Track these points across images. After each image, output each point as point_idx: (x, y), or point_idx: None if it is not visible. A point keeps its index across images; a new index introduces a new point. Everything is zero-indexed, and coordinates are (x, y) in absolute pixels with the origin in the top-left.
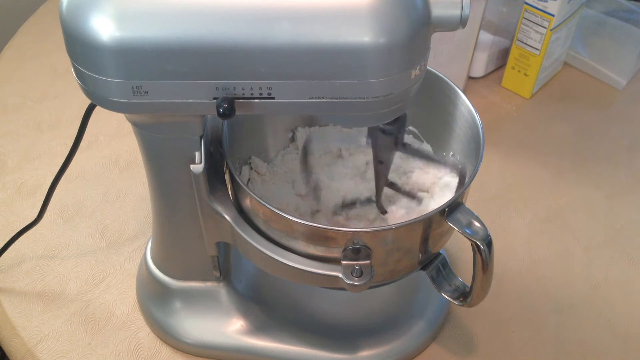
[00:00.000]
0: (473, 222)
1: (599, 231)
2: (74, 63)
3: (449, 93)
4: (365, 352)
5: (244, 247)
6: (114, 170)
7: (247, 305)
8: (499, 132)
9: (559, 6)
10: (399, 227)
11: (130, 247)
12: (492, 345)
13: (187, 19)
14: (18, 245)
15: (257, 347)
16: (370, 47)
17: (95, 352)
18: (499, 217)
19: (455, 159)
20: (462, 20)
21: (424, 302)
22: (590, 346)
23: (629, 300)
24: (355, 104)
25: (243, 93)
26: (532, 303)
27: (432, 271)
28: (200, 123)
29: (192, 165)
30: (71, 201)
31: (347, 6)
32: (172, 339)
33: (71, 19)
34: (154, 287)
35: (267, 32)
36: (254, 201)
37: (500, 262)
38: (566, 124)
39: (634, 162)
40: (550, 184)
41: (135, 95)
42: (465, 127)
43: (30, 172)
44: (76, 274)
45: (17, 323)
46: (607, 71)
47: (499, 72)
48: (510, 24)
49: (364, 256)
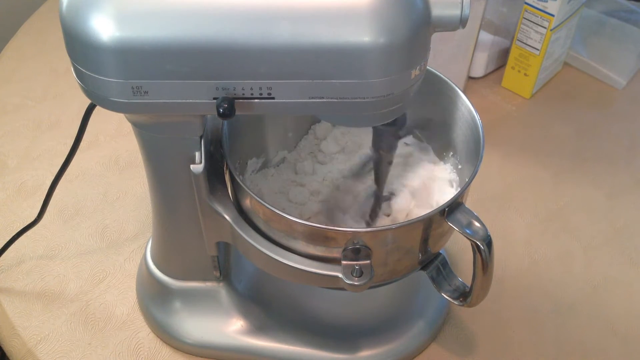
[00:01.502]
0: (473, 222)
1: (599, 231)
2: (74, 63)
3: (449, 93)
4: (365, 352)
5: (244, 247)
6: (114, 170)
7: (247, 305)
8: (499, 132)
9: (559, 6)
10: (399, 227)
11: (130, 247)
12: (492, 345)
13: (187, 19)
14: (18, 245)
15: (257, 347)
16: (370, 47)
17: (95, 352)
18: (499, 217)
19: (455, 159)
20: (462, 20)
21: (424, 302)
22: (590, 346)
23: (629, 300)
24: (355, 104)
25: (243, 93)
26: (532, 303)
27: (432, 271)
28: (200, 123)
29: (192, 165)
30: (71, 201)
31: (347, 6)
32: (172, 339)
33: (71, 19)
34: (154, 287)
35: (267, 32)
36: (254, 201)
37: (500, 262)
38: (566, 124)
39: (634, 162)
40: (550, 184)
41: (135, 95)
42: (465, 127)
43: (30, 172)
44: (76, 274)
45: (17, 323)
46: (607, 71)
47: (499, 72)
48: (510, 24)
49: (364, 256)
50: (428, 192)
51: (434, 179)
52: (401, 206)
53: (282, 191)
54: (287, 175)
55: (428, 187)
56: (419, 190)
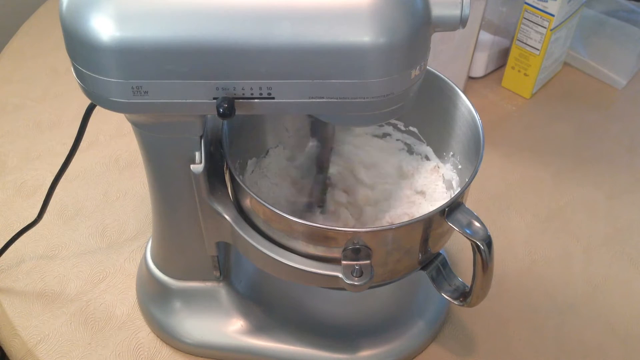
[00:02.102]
0: (473, 222)
1: (599, 231)
2: (74, 63)
3: (449, 93)
4: (365, 352)
5: (244, 247)
6: (114, 170)
7: (247, 305)
8: (499, 132)
9: (559, 6)
10: (399, 227)
11: (130, 247)
12: (492, 345)
13: (187, 19)
14: (18, 245)
15: (257, 347)
16: (370, 47)
17: (95, 352)
18: (499, 217)
19: (455, 159)
20: (462, 20)
21: (424, 302)
22: (590, 346)
23: (629, 300)
24: (355, 104)
25: (243, 93)
26: (532, 303)
27: (432, 271)
28: (200, 123)
29: (192, 165)
30: (71, 201)
31: (347, 6)
32: (172, 339)
33: (71, 19)
34: (154, 287)
35: (267, 32)
36: (254, 201)
37: (500, 262)
38: (566, 124)
39: (634, 162)
40: (550, 184)
41: (135, 95)
42: (465, 127)
43: (30, 172)
44: (76, 274)
45: (17, 323)
46: (607, 71)
47: (499, 72)
48: (510, 24)
49: (364, 256)
50: (427, 191)
51: (434, 179)
52: (402, 210)
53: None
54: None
55: (427, 187)
56: (418, 190)
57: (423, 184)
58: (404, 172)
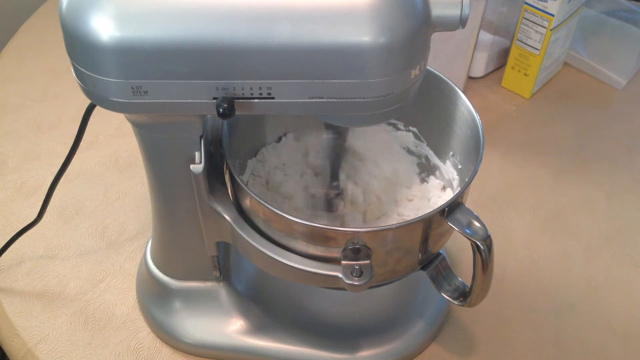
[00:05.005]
0: (473, 222)
1: (599, 231)
2: (74, 63)
3: (449, 93)
4: (365, 352)
5: (244, 247)
6: (114, 170)
7: (247, 305)
8: (499, 132)
9: (559, 6)
10: (399, 227)
11: (130, 247)
12: (492, 345)
13: (187, 19)
14: (18, 245)
15: (257, 347)
16: (370, 47)
17: (95, 352)
18: (499, 217)
19: (455, 159)
20: (462, 20)
21: (424, 302)
22: (590, 346)
23: (629, 300)
24: (355, 104)
25: (243, 93)
26: (532, 303)
27: (432, 271)
28: (200, 123)
29: (192, 165)
30: (71, 201)
31: (347, 6)
32: (172, 339)
33: (71, 19)
34: (154, 287)
35: (267, 32)
36: (254, 201)
37: (500, 262)
38: (566, 124)
39: (634, 162)
40: (550, 184)
41: (135, 95)
42: (465, 127)
43: (30, 172)
44: (76, 274)
45: (17, 323)
46: (607, 71)
47: (499, 72)
48: (510, 24)
49: (364, 256)
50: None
51: (436, 184)
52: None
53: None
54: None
55: (427, 187)
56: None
57: (426, 189)
58: (408, 176)
